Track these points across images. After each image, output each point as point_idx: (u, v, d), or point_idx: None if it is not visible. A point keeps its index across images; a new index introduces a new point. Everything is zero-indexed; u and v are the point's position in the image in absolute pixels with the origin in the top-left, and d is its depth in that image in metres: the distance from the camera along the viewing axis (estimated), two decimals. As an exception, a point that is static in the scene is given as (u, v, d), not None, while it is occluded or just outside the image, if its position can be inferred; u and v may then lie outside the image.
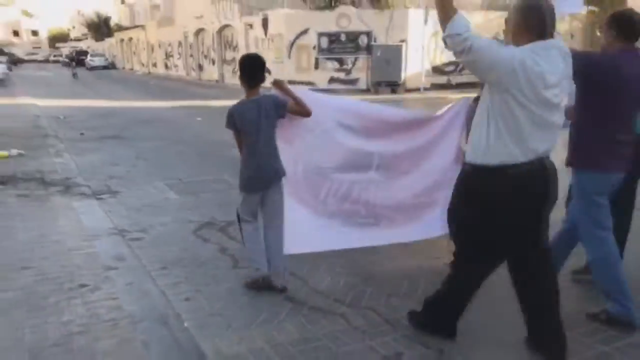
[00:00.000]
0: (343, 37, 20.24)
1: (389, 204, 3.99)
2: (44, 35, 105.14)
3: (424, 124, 4.04)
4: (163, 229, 5.16)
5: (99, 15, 72.25)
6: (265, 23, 22.60)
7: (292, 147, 3.73)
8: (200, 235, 4.96)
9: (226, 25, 27.46)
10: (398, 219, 4.01)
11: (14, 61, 52.72)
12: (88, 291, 3.70)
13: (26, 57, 73.97)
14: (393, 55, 19.33)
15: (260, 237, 3.72)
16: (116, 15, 74.83)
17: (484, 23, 21.53)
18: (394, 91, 19.41)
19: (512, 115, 2.54)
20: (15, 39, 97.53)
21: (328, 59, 20.66)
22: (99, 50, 59.54)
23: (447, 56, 21.07)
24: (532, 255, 2.82)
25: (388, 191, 3.99)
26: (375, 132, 3.93)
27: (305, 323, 3.31)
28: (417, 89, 19.74)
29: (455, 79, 21.05)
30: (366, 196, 3.96)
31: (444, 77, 21.14)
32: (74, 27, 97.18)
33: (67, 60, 38.55)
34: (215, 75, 30.40)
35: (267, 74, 3.67)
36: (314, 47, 20.83)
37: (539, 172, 2.62)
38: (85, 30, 77.05)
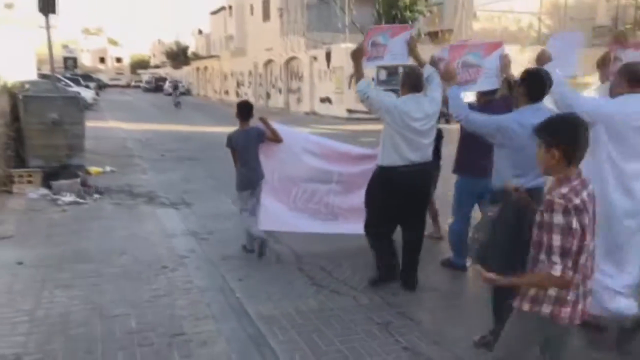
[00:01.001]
0: (400, 70, 21.39)
1: (345, 206, 5.59)
2: (126, 61, 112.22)
3: (370, 156, 5.41)
4: (225, 232, 6.45)
5: (177, 45, 77.03)
6: (328, 56, 24.12)
7: (270, 161, 5.47)
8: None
9: (293, 57, 29.30)
10: (351, 217, 5.46)
11: (100, 86, 57.22)
12: (168, 271, 5.02)
13: (110, 82, 79.41)
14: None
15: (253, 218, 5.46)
16: (193, 44, 79.54)
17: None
18: (447, 121, 20.26)
19: (392, 137, 4.36)
20: (101, 65, 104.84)
21: (386, 90, 21.77)
22: (176, 77, 63.49)
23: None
24: (409, 222, 4.61)
25: (345, 197, 5.57)
26: (333, 158, 5.61)
27: (324, 300, 4.46)
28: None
29: (510, 110, 21.69)
30: (326, 200, 5.59)
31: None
32: (154, 55, 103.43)
33: (169, 89, 40.33)
34: (281, 103, 32.23)
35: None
36: (373, 79, 22.06)
37: (409, 172, 4.37)
38: (165, 58, 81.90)
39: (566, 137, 2.30)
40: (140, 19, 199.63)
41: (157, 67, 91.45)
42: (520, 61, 22.34)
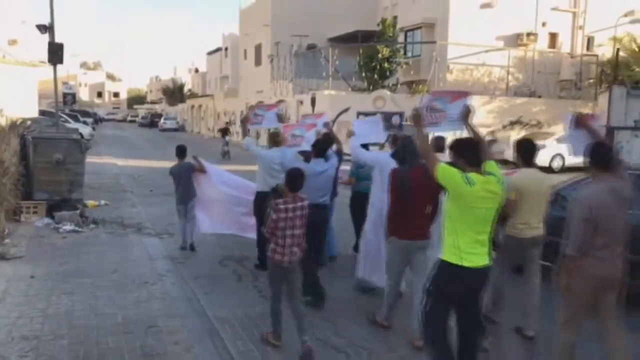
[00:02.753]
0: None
1: (251, 223, 7.58)
2: (123, 96, 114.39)
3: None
4: (198, 258, 7.82)
5: (174, 82, 79.33)
6: (313, 101, 25.81)
7: (200, 186, 8.13)
8: (222, 263, 7.58)
9: (281, 100, 31.07)
10: (252, 230, 7.61)
11: (97, 120, 58.83)
12: (149, 285, 6.38)
13: (106, 117, 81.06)
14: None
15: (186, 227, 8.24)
16: (189, 81, 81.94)
17: (509, 108, 23.96)
18: (420, 165, 21.78)
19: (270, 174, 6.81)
20: (98, 100, 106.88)
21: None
22: (171, 113, 65.34)
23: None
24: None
25: (250, 217, 7.58)
26: (242, 189, 7.97)
27: (267, 308, 5.81)
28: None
29: (479, 156, 23.32)
30: (237, 217, 7.96)
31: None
32: (150, 91, 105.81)
33: (219, 134, 38.88)
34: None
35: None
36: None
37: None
38: (161, 95, 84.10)
39: None
40: (139, 54, 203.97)
41: (153, 102, 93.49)
42: (490, 109, 24.03)
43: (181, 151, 8.31)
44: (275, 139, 7.07)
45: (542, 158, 20.87)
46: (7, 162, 9.13)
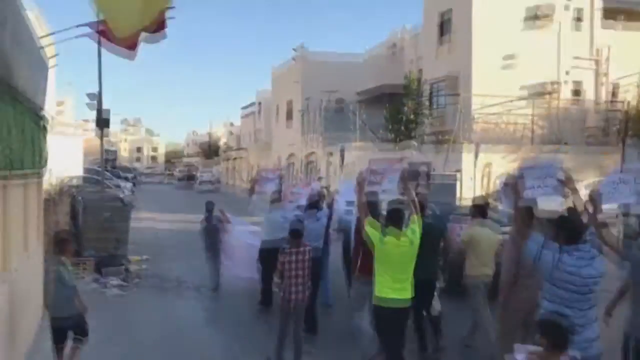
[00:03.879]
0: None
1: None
2: (161, 150, 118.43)
3: None
4: (234, 308, 8.44)
5: (210, 136, 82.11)
6: (342, 153, 26.70)
7: (225, 236, 9.39)
8: (256, 315, 8.18)
9: (312, 152, 32.15)
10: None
11: (136, 177, 60.97)
12: (185, 335, 7.01)
13: (145, 171, 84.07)
14: (449, 183, 22.37)
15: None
16: (225, 135, 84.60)
17: (534, 156, 24.27)
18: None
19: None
20: (137, 154, 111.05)
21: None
22: (207, 167, 67.31)
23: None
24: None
25: None
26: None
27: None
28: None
29: (508, 204, 23.53)
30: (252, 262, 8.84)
31: (496, 202, 23.66)
32: (188, 145, 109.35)
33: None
34: (301, 194, 34.74)
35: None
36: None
37: None
38: (198, 149, 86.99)
39: None
40: (176, 109, 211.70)
41: (190, 156, 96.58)
42: (516, 158, 24.35)
43: (209, 206, 9.88)
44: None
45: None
46: (61, 223, 10.07)
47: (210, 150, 75.48)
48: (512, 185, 4.64)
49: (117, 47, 6.12)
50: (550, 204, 4.64)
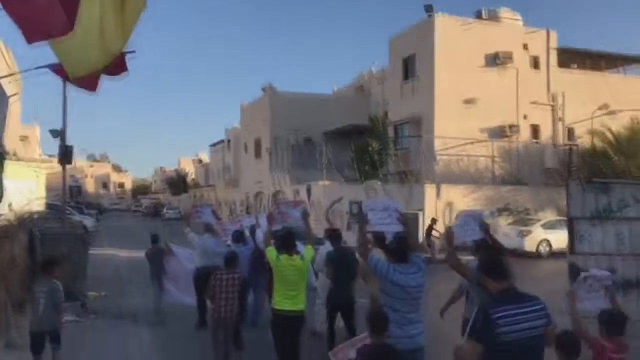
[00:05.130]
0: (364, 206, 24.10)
1: None
2: (128, 186, 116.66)
3: None
4: (190, 346, 8.43)
5: (178, 173, 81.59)
6: (308, 191, 26.99)
7: (168, 264, 10.13)
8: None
9: (279, 191, 32.36)
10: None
11: (101, 211, 60.11)
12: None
13: (110, 207, 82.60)
14: (411, 222, 22.77)
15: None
16: (193, 172, 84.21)
17: (496, 196, 25.00)
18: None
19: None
20: (103, 190, 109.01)
21: (357, 222, 24.32)
22: (174, 203, 66.75)
23: (463, 223, 24.34)
24: None
25: None
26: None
27: None
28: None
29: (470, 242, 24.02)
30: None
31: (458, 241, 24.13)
32: (155, 181, 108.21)
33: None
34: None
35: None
36: (347, 212, 24.70)
37: None
38: (165, 185, 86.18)
39: None
40: (144, 145, 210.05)
41: (156, 192, 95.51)
42: (477, 197, 24.95)
43: (154, 238, 10.75)
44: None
45: (530, 244, 21.65)
46: (17, 257, 9.95)
47: (177, 185, 74.85)
48: (360, 219, 5.60)
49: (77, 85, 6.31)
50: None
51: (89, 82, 6.02)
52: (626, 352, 4.15)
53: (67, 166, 15.10)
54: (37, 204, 28.70)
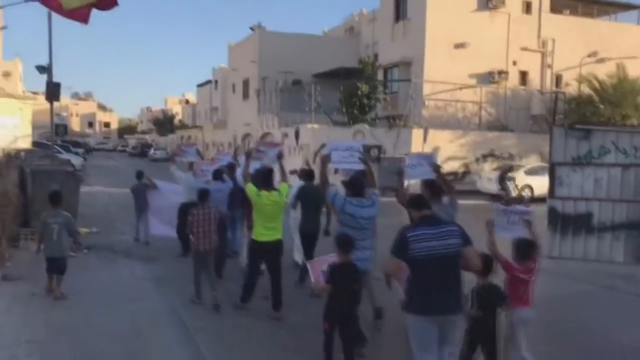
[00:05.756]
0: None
1: None
2: (114, 126, 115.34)
3: None
4: (182, 278, 8.76)
5: (164, 113, 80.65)
6: (297, 134, 27.04)
7: (152, 198, 11.27)
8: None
9: (267, 133, 32.31)
10: None
11: (88, 150, 59.68)
12: (137, 301, 7.34)
13: (97, 146, 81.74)
14: (397, 166, 23.08)
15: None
16: (180, 113, 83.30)
17: (482, 142, 25.29)
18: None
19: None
20: (89, 130, 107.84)
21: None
22: (161, 144, 66.39)
23: (449, 167, 24.75)
24: None
25: None
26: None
27: (237, 319, 6.77)
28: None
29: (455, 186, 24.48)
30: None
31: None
32: (141, 121, 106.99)
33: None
34: (256, 173, 34.94)
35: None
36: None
37: None
38: (152, 125, 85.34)
39: None
40: (130, 85, 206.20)
41: (144, 132, 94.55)
42: (463, 143, 25.20)
43: (139, 174, 11.92)
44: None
45: (511, 189, 22.16)
46: (10, 193, 10.10)
47: (164, 126, 74.18)
48: (322, 158, 6.36)
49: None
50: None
51: (80, 14, 6.00)
52: (533, 274, 4.88)
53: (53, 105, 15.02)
54: (24, 142, 28.59)
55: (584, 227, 10.92)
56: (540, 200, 18.47)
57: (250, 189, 6.68)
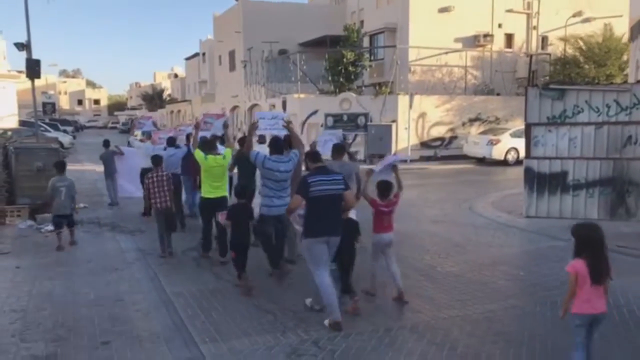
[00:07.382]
0: (345, 117, 24.27)
1: None
2: (104, 103, 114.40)
3: None
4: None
5: (153, 88, 79.96)
6: (284, 104, 27.02)
7: (120, 163, 13.23)
8: (185, 253, 8.74)
9: (255, 104, 32.26)
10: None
11: (77, 128, 59.36)
12: (119, 270, 7.56)
13: (87, 124, 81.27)
14: (385, 133, 23.18)
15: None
16: (169, 87, 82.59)
17: (468, 106, 25.36)
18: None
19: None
20: (79, 107, 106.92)
21: (333, 134, 24.65)
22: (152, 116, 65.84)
23: (436, 132, 24.90)
24: None
25: None
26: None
27: (217, 285, 7.00)
28: (404, 161, 23.42)
29: (441, 152, 24.67)
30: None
31: (431, 151, 24.73)
32: (131, 97, 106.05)
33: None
34: (246, 145, 34.96)
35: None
36: (322, 125, 24.93)
37: None
38: (141, 101, 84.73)
39: None
40: (118, 60, 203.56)
41: (134, 108, 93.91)
42: (450, 108, 25.29)
43: (105, 143, 13.71)
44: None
45: (498, 152, 22.37)
46: (-7, 171, 10.22)
47: (153, 101, 73.68)
48: (250, 126, 7.66)
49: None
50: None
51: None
52: (392, 207, 6.15)
53: (40, 83, 15.01)
54: (10, 121, 28.48)
55: (559, 186, 11.21)
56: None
57: (198, 153, 7.85)
